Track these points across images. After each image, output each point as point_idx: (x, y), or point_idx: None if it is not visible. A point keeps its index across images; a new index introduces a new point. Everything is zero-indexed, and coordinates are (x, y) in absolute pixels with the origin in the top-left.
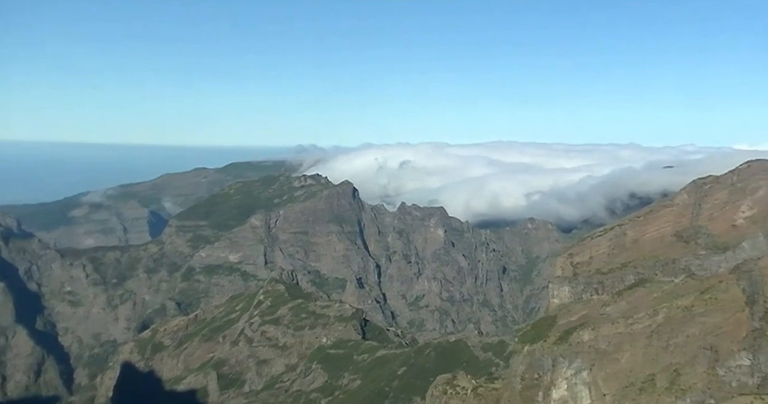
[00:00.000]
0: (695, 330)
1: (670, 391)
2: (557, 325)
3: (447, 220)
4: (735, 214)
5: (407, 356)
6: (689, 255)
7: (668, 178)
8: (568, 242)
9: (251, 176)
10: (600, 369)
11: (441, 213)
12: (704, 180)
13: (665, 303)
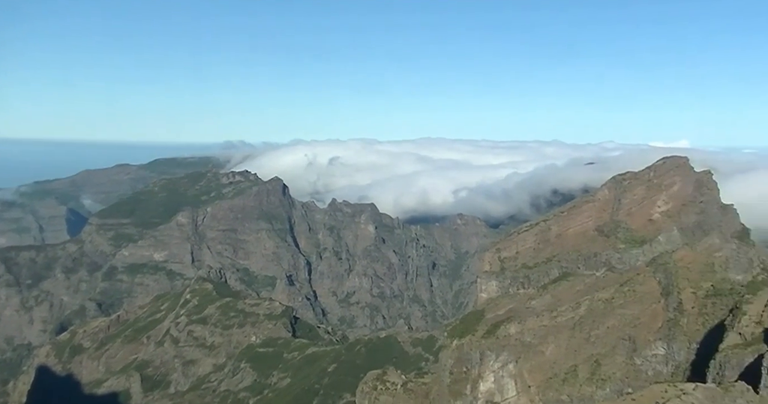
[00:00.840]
0: (615, 321)
1: (591, 381)
2: (485, 319)
3: (378, 217)
4: (652, 209)
5: (338, 353)
6: (610, 249)
7: (589, 174)
8: (496, 237)
9: (177, 173)
10: (525, 361)
11: (372, 210)
12: (623, 176)
13: (587, 296)
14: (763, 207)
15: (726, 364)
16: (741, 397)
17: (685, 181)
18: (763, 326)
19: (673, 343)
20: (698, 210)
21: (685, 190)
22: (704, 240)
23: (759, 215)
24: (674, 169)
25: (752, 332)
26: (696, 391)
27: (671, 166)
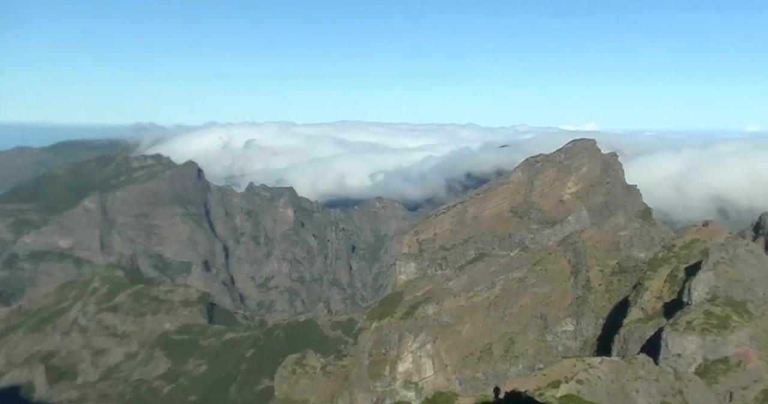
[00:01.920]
0: (528, 300)
1: (505, 358)
2: (404, 301)
3: (296, 200)
4: (562, 190)
5: (256, 338)
6: (523, 230)
7: (502, 156)
8: (414, 220)
9: (83, 156)
10: (443, 341)
11: (290, 194)
12: (536, 158)
13: (502, 276)
14: (662, 187)
15: (629, 338)
16: (642, 368)
17: (593, 162)
18: (663, 301)
19: (581, 319)
20: (605, 191)
21: (593, 171)
22: (610, 219)
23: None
24: (583, 151)
25: (653, 307)
26: (602, 365)
27: (580, 148)
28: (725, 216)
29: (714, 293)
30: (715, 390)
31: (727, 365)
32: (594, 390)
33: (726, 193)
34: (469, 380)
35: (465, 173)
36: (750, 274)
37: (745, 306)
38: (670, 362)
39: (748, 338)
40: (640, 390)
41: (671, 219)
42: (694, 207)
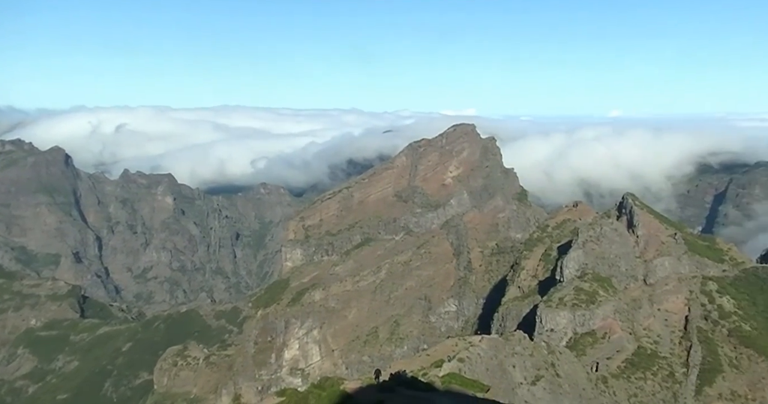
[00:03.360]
0: (412, 282)
1: (390, 341)
2: (290, 288)
3: (176, 188)
4: (444, 174)
5: (133, 331)
6: (407, 214)
7: (385, 142)
8: (300, 206)
9: None
10: (329, 326)
11: (169, 181)
12: (419, 143)
13: (387, 259)
14: (533, 171)
15: (507, 316)
16: (519, 345)
17: (473, 147)
18: (538, 279)
19: (463, 300)
20: (484, 175)
21: (473, 155)
22: (490, 202)
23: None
24: (463, 136)
25: (529, 285)
26: (482, 342)
27: (461, 133)
28: (590, 198)
29: (583, 270)
30: (583, 361)
31: (594, 337)
32: (474, 367)
33: (589, 176)
34: (356, 364)
35: (348, 159)
36: (614, 251)
37: (610, 282)
38: (544, 337)
39: (612, 311)
40: (517, 365)
41: (543, 202)
42: (562, 191)
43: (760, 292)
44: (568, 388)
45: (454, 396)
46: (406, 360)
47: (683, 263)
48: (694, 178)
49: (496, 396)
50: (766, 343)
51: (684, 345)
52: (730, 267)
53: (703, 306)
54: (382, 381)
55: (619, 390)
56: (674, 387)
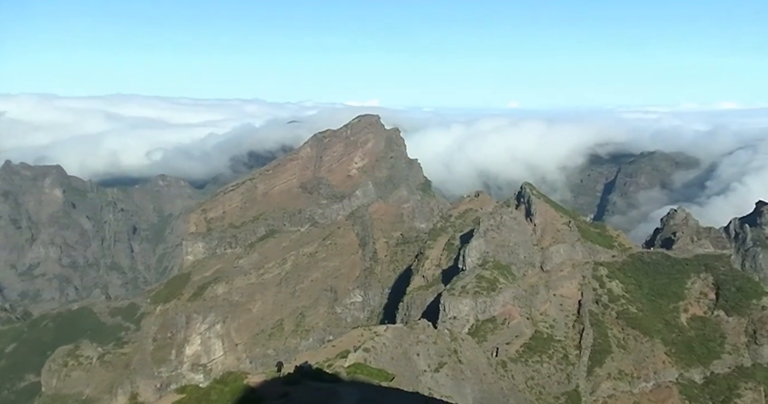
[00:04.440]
0: (318, 274)
1: (296, 333)
2: (192, 282)
3: (65, 180)
4: (350, 165)
5: (18, 331)
6: (313, 205)
7: (287, 132)
8: (202, 198)
9: None
10: (233, 320)
11: (58, 172)
12: (324, 134)
13: (293, 251)
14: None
15: (412, 305)
16: (423, 333)
17: (378, 138)
18: (442, 268)
19: (369, 290)
20: (389, 166)
21: (377, 146)
22: (394, 192)
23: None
24: (368, 127)
25: (433, 274)
26: (387, 332)
27: (365, 123)
28: (488, 190)
29: (484, 258)
30: (484, 347)
31: (495, 323)
32: (380, 356)
33: (488, 167)
34: (261, 357)
35: (249, 150)
36: (514, 239)
37: (509, 269)
38: (447, 325)
39: (512, 297)
40: (421, 353)
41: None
42: (461, 182)
43: (645, 276)
44: (470, 374)
45: (359, 386)
46: (311, 352)
47: (577, 250)
48: (586, 168)
49: (401, 384)
50: (650, 324)
51: (577, 329)
52: (619, 252)
53: (595, 291)
54: (287, 374)
55: (518, 374)
56: (568, 369)
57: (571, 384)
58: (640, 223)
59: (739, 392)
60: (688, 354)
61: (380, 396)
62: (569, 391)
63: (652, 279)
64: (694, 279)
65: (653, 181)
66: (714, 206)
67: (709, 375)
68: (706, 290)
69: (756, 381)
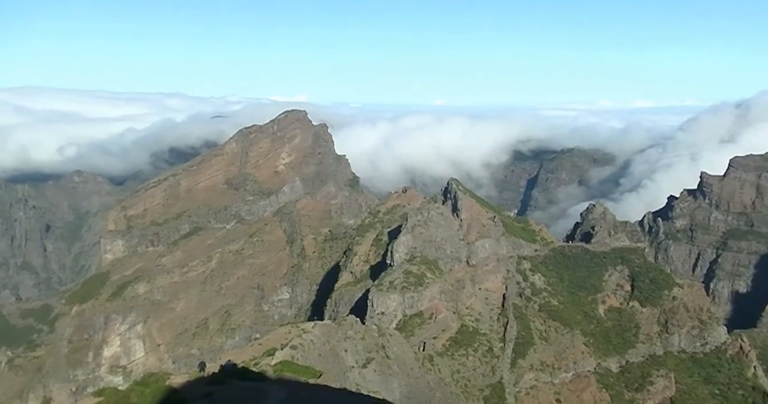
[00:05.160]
0: (244, 271)
1: (221, 332)
2: (111, 281)
3: None
4: (277, 161)
5: None
6: (239, 202)
7: (210, 128)
8: (121, 195)
9: None
10: (155, 320)
11: None
12: (250, 129)
13: (218, 249)
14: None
15: (340, 301)
16: (351, 329)
17: (305, 133)
18: (370, 264)
19: (296, 287)
20: (317, 161)
21: (305, 142)
22: (322, 189)
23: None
24: (295, 122)
25: (361, 270)
26: (315, 329)
27: (292, 119)
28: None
29: (412, 253)
30: (411, 342)
31: (422, 318)
32: (307, 353)
33: (414, 164)
34: (184, 357)
35: (171, 145)
36: (441, 234)
37: (436, 264)
38: (375, 320)
39: (439, 292)
40: (349, 350)
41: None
42: (388, 179)
43: (566, 269)
44: (397, 369)
45: (286, 383)
46: (237, 351)
47: (501, 244)
48: (510, 164)
49: (328, 380)
50: (570, 316)
51: (501, 322)
52: (542, 246)
53: (519, 284)
54: (211, 374)
55: (444, 368)
56: (493, 362)
57: (495, 376)
58: (559, 219)
59: (652, 379)
60: (605, 344)
61: (307, 393)
62: (494, 383)
63: (573, 272)
64: (611, 272)
65: (573, 177)
66: (627, 202)
67: (624, 364)
68: (622, 282)
69: (667, 369)
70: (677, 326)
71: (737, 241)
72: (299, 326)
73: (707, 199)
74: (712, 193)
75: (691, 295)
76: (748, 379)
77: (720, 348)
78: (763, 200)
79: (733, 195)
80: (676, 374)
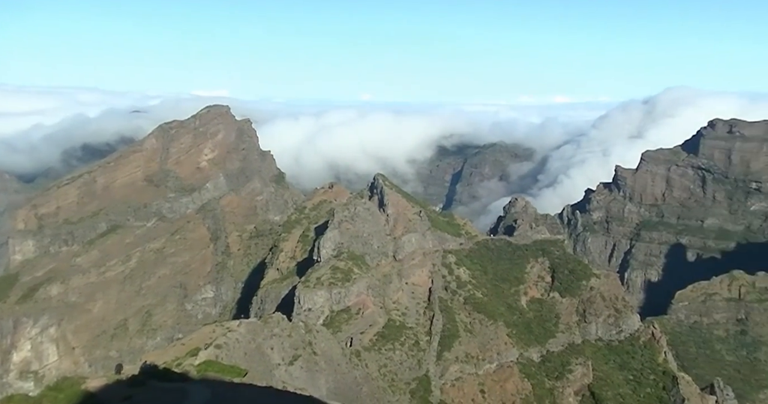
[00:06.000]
0: (166, 270)
1: (142, 333)
2: (20, 283)
3: None
4: (199, 157)
5: None
6: (160, 199)
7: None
8: (31, 193)
9: None
10: (70, 322)
11: None
12: (170, 124)
13: (138, 247)
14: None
15: (266, 298)
16: (277, 326)
17: (228, 129)
18: (297, 260)
19: (221, 285)
20: (241, 157)
21: (228, 137)
22: (247, 185)
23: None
24: (218, 118)
25: (287, 266)
26: (240, 327)
27: (215, 114)
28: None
29: (339, 249)
30: (339, 337)
31: (350, 314)
32: (232, 352)
33: (338, 160)
34: (102, 360)
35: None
36: (367, 230)
37: (363, 259)
38: (302, 317)
39: (366, 287)
40: (275, 347)
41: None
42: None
43: (490, 262)
44: (324, 365)
45: (210, 383)
46: (159, 352)
47: (427, 238)
48: (435, 160)
49: (254, 379)
50: (494, 308)
51: (428, 315)
52: (466, 240)
53: (444, 278)
54: (131, 376)
55: (371, 362)
56: (419, 355)
57: (421, 369)
58: (481, 215)
59: (571, 367)
60: (527, 335)
61: (232, 392)
62: (420, 376)
63: (496, 264)
64: (532, 264)
65: (496, 172)
66: (544, 197)
67: (545, 353)
68: (543, 273)
69: (585, 357)
70: (594, 315)
71: (649, 232)
72: (224, 325)
73: (621, 191)
74: (626, 185)
75: (607, 285)
76: (659, 364)
77: (634, 336)
78: (672, 192)
79: (645, 187)
80: (594, 361)
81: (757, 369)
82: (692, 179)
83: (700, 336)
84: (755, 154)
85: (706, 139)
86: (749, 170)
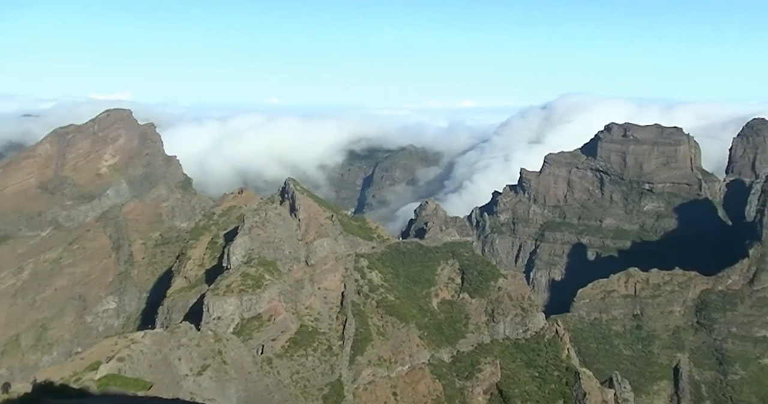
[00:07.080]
0: (64, 281)
1: (36, 348)
2: None
3: None
4: (99, 163)
5: None
6: (56, 207)
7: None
8: None
9: None
10: None
11: None
12: (66, 129)
13: (31, 258)
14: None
15: (173, 308)
16: (185, 336)
17: (131, 133)
18: (205, 268)
19: (124, 296)
20: (145, 163)
21: (131, 142)
22: (152, 191)
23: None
24: (119, 122)
25: (196, 274)
26: (144, 338)
27: (115, 118)
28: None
29: (250, 255)
30: (249, 345)
31: (261, 321)
32: (136, 365)
33: (246, 166)
34: None
35: None
36: (279, 235)
37: (275, 265)
38: (211, 325)
39: (277, 293)
40: (183, 358)
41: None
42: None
43: (401, 265)
44: (234, 374)
45: (112, 398)
46: (55, 367)
47: (339, 243)
48: (346, 164)
49: (160, 391)
50: (406, 310)
51: (340, 320)
52: (378, 244)
53: (357, 282)
54: (23, 394)
55: (283, 369)
56: (332, 360)
57: (334, 374)
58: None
59: (480, 367)
60: (438, 336)
61: None
62: (333, 381)
63: (408, 267)
64: (443, 266)
65: (406, 176)
66: (450, 203)
67: (455, 353)
68: (453, 275)
69: (493, 356)
70: (502, 315)
71: (552, 232)
72: (127, 336)
73: (526, 193)
74: (531, 187)
75: (514, 285)
76: (563, 361)
77: (539, 334)
78: (573, 194)
79: (548, 189)
80: (502, 360)
81: (651, 362)
82: (591, 181)
83: (600, 331)
84: (647, 156)
85: (603, 142)
86: (642, 171)
